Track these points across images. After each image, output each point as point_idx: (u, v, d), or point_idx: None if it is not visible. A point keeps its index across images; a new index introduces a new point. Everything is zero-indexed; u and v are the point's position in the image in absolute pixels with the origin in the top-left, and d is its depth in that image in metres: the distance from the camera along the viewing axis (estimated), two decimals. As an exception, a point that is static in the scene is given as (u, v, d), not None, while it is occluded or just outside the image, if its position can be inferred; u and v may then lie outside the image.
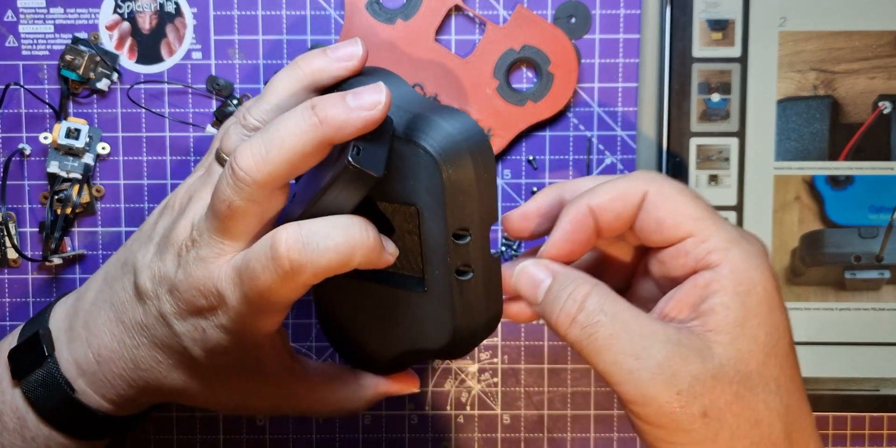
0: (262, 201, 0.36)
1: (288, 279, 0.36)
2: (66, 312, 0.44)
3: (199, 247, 0.38)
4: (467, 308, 0.39)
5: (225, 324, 0.39)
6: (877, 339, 0.52)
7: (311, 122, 0.35)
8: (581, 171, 0.52)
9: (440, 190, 0.37)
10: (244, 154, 0.36)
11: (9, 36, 0.51)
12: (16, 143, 0.51)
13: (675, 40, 0.50)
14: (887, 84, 0.50)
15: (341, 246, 0.36)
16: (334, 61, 0.39)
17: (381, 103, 0.35)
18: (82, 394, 0.43)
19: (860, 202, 0.51)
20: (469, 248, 0.38)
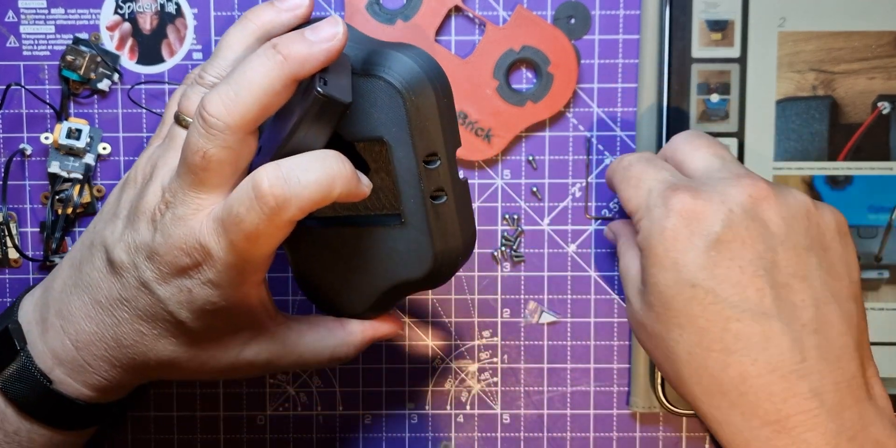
0: (235, 147, 0.37)
1: (274, 217, 0.36)
2: (34, 304, 0.44)
3: (174, 207, 0.38)
4: (444, 232, 0.41)
5: (212, 278, 0.39)
6: (876, 339, 0.52)
7: (275, 60, 0.36)
8: (581, 171, 0.52)
9: (405, 118, 0.39)
10: (213, 101, 0.36)
11: (9, 36, 0.51)
12: (17, 144, 0.52)
13: (674, 41, 0.50)
14: (886, 84, 0.50)
15: (321, 177, 0.36)
16: (284, 11, 0.40)
17: (339, 33, 0.37)
18: (60, 384, 0.42)
19: (859, 202, 0.51)
20: (440, 172, 0.40)
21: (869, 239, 0.51)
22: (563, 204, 0.52)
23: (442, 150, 0.40)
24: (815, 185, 0.51)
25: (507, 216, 0.52)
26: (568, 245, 0.52)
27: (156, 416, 0.53)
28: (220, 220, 0.37)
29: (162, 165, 0.40)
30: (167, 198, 0.39)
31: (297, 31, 0.37)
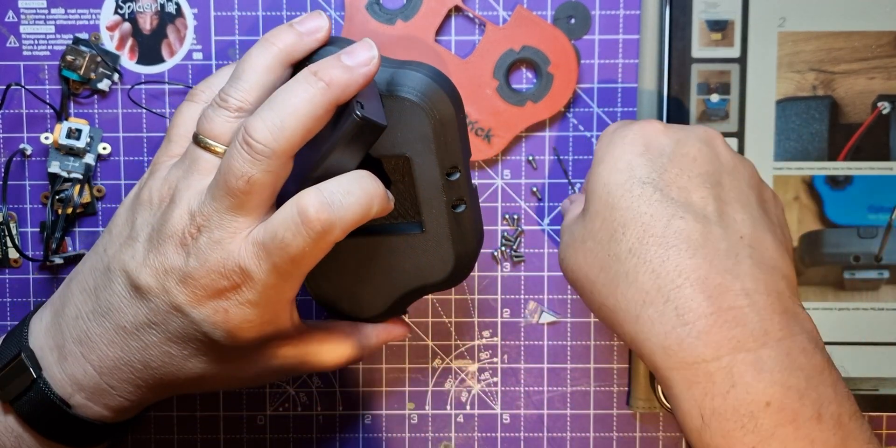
0: (278, 171, 0.38)
1: (320, 240, 0.38)
2: (46, 330, 0.43)
3: (208, 231, 0.39)
4: (463, 236, 0.44)
5: (251, 299, 0.39)
6: (876, 338, 0.52)
7: (318, 87, 0.38)
8: (581, 172, 0.52)
9: (431, 135, 0.41)
10: (258, 127, 0.37)
11: (10, 36, 0.51)
12: (17, 144, 0.52)
13: (674, 41, 0.50)
14: (886, 84, 0.50)
15: (361, 199, 0.39)
16: (305, 35, 0.41)
17: (374, 57, 0.39)
18: (80, 407, 0.42)
19: (859, 202, 0.51)
20: (460, 183, 0.43)
21: (869, 239, 0.51)
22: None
23: (461, 163, 0.42)
24: (815, 185, 0.51)
25: (507, 216, 0.52)
26: (568, 245, 0.52)
27: (156, 416, 0.53)
28: (262, 244, 0.38)
29: (185, 188, 0.40)
30: (199, 222, 0.39)
31: (333, 56, 0.39)
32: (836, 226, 0.51)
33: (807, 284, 0.51)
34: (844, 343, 0.52)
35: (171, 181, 0.41)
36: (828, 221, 0.51)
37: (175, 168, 0.41)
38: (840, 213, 0.51)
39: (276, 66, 0.41)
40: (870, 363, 0.52)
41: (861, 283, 0.51)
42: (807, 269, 0.51)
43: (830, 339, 0.52)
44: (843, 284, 0.51)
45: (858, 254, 0.51)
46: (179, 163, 0.41)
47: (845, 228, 0.51)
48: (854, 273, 0.51)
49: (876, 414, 0.53)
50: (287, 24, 0.42)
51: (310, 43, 0.41)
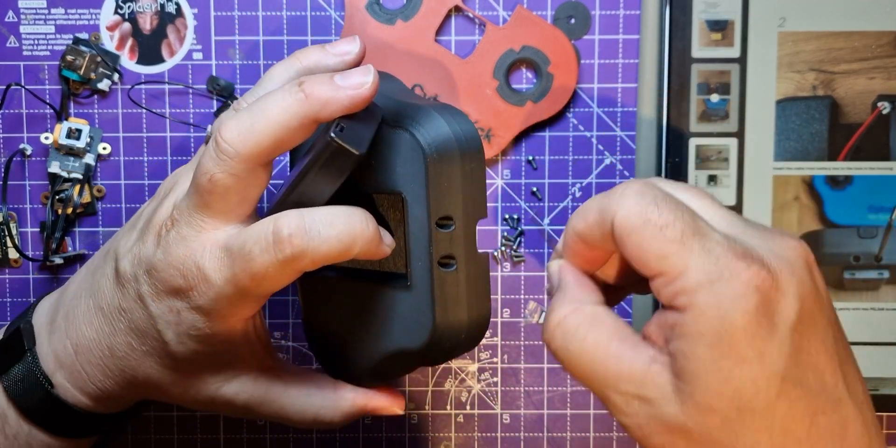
0: (243, 176, 0.37)
1: (286, 264, 0.36)
2: (49, 306, 0.44)
3: (179, 225, 0.38)
4: (448, 303, 0.38)
5: (201, 304, 0.38)
6: (876, 338, 0.52)
7: (296, 97, 0.36)
8: (581, 172, 0.52)
9: (424, 174, 0.37)
10: (228, 126, 0.36)
11: (10, 36, 0.51)
12: (17, 144, 0.52)
13: (674, 41, 0.50)
14: (886, 84, 0.50)
15: (342, 235, 0.36)
16: (332, 55, 0.40)
17: (368, 83, 0.36)
18: (60, 388, 0.42)
19: (859, 202, 0.51)
20: (452, 238, 0.38)
21: (869, 239, 0.51)
22: (563, 204, 0.52)
23: (459, 216, 0.38)
24: (815, 185, 0.51)
25: (507, 216, 0.52)
26: (568, 245, 0.52)
27: (156, 416, 0.53)
28: (229, 251, 0.37)
29: (182, 183, 0.40)
30: (174, 215, 0.39)
31: (324, 75, 0.37)
32: (836, 226, 0.51)
33: (807, 284, 0.51)
34: (844, 343, 0.52)
35: (178, 175, 0.42)
36: (828, 221, 0.51)
37: (188, 164, 0.42)
38: (840, 214, 0.51)
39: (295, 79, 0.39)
40: (870, 363, 0.52)
41: (861, 283, 0.51)
42: (807, 269, 0.51)
43: (830, 339, 0.52)
44: (844, 284, 0.51)
45: (858, 254, 0.51)
46: (192, 160, 0.42)
47: (845, 228, 0.51)
48: (854, 273, 0.51)
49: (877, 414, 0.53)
50: (320, 45, 0.41)
51: (335, 64, 0.40)
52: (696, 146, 0.51)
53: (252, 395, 0.42)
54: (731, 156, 0.51)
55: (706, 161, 0.51)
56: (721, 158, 0.51)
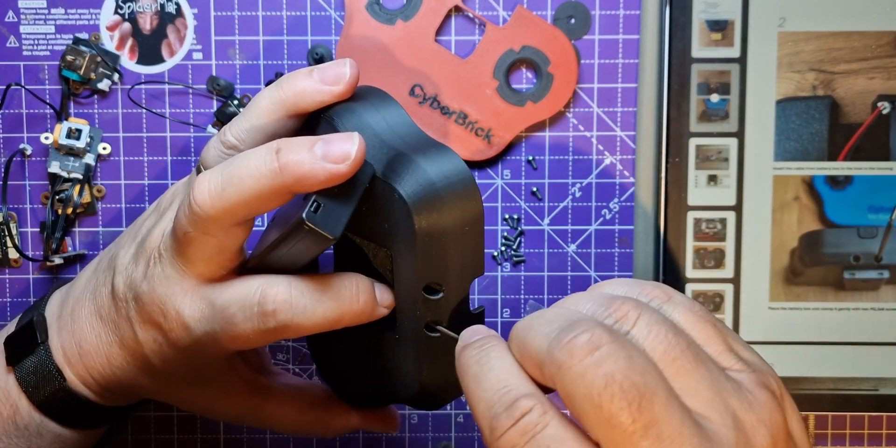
0: (216, 234, 0.36)
1: (268, 334, 0.36)
2: (60, 300, 0.45)
3: (163, 263, 0.38)
4: (436, 365, 0.37)
5: (179, 345, 0.39)
6: (876, 338, 0.52)
7: (270, 167, 0.34)
8: (581, 172, 0.52)
9: (412, 239, 0.34)
10: (201, 187, 0.35)
11: (10, 36, 0.51)
12: (17, 144, 0.52)
13: (674, 41, 0.50)
14: (886, 84, 0.50)
15: (329, 311, 0.36)
16: (319, 83, 0.37)
17: (349, 158, 0.33)
18: (72, 382, 0.43)
19: (859, 202, 0.51)
20: (441, 305, 0.36)
21: (869, 239, 0.51)
22: (563, 204, 0.52)
23: (450, 282, 0.35)
24: (815, 185, 0.51)
25: (507, 216, 0.52)
26: (568, 245, 0.52)
27: (156, 415, 0.53)
28: (212, 306, 0.37)
29: (173, 209, 0.40)
30: (162, 248, 0.38)
31: (310, 139, 0.34)
32: (836, 226, 0.51)
33: (807, 284, 0.51)
34: (844, 343, 0.52)
35: (176, 195, 0.41)
36: (828, 221, 0.51)
37: (183, 184, 0.42)
38: (840, 213, 0.51)
39: (276, 112, 0.37)
40: (870, 363, 0.52)
41: (861, 283, 0.51)
42: (807, 270, 0.51)
43: (830, 339, 0.52)
44: (844, 284, 0.51)
45: (858, 254, 0.51)
46: (186, 181, 0.42)
47: (845, 228, 0.51)
48: (854, 273, 0.51)
49: (876, 414, 0.53)
50: (309, 69, 0.37)
51: (321, 94, 0.37)
52: (696, 146, 0.51)
53: (244, 411, 0.43)
54: (731, 156, 0.51)
55: (706, 161, 0.51)
56: (721, 158, 0.51)
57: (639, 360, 0.27)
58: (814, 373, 0.52)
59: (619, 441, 0.27)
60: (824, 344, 0.52)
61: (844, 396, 0.52)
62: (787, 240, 0.51)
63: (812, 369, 0.52)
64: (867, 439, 0.53)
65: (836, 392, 0.52)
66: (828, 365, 0.52)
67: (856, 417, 0.53)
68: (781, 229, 0.51)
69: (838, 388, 0.52)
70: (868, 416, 0.53)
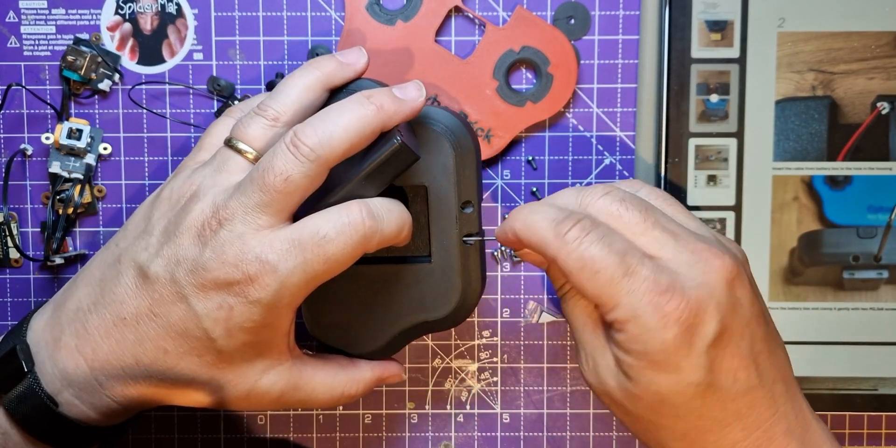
0: (314, 178, 0.40)
1: (358, 246, 0.40)
2: (46, 324, 0.44)
3: (230, 224, 0.40)
4: (470, 273, 0.45)
5: (261, 297, 0.40)
6: (875, 338, 0.52)
7: (370, 109, 0.41)
8: (581, 172, 0.52)
9: (453, 166, 0.44)
10: (308, 132, 0.40)
11: (10, 37, 0.51)
12: (17, 144, 0.52)
13: (673, 41, 0.50)
14: (886, 84, 0.50)
15: (399, 219, 0.42)
16: (345, 65, 0.44)
17: (422, 96, 0.42)
18: (67, 406, 0.42)
19: (858, 202, 0.51)
20: (472, 218, 0.45)
21: (868, 239, 0.51)
22: (563, 204, 0.52)
23: (475, 199, 0.44)
24: (815, 185, 0.51)
25: (508, 216, 0.52)
26: (568, 245, 0.52)
27: (156, 415, 0.53)
28: (296, 240, 0.40)
29: (211, 186, 0.41)
30: (222, 215, 0.40)
31: (385, 88, 0.42)
32: (835, 226, 0.51)
33: (806, 284, 0.52)
34: (844, 343, 0.52)
35: (196, 180, 0.42)
36: (827, 221, 0.51)
37: (201, 168, 0.42)
38: (839, 213, 0.51)
39: (316, 87, 0.43)
40: (869, 363, 0.52)
41: (860, 283, 0.52)
42: (806, 269, 0.51)
43: (830, 339, 0.52)
44: (843, 284, 0.52)
45: (858, 254, 0.51)
46: (206, 164, 0.42)
47: (844, 228, 0.51)
48: (853, 273, 0.51)
49: (876, 414, 0.53)
50: (331, 55, 0.44)
51: (347, 72, 0.44)
52: (695, 146, 0.51)
53: (287, 382, 0.44)
54: (731, 156, 0.51)
55: (706, 161, 0.51)
56: (720, 158, 0.51)
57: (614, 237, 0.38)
58: (813, 372, 0.52)
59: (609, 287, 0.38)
60: (823, 344, 0.52)
61: (844, 396, 0.52)
62: (786, 240, 0.51)
63: (811, 369, 0.52)
64: (866, 439, 0.53)
65: (836, 392, 0.52)
66: (827, 365, 0.52)
67: (855, 417, 0.53)
68: (781, 229, 0.51)
69: (837, 388, 0.52)
70: (867, 415, 0.53)
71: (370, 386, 0.47)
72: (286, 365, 0.44)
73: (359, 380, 0.46)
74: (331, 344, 0.46)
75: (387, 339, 0.46)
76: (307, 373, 0.45)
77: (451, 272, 0.45)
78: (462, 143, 0.44)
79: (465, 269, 0.45)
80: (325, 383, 0.45)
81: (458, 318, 0.46)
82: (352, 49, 0.45)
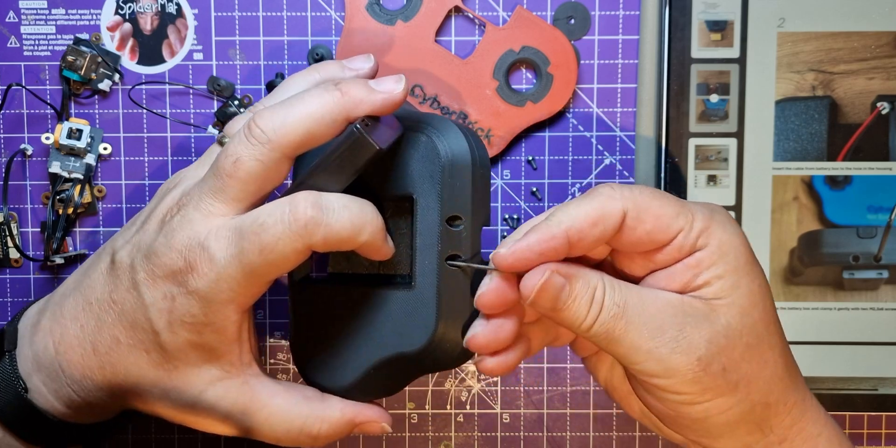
0: (267, 164, 0.38)
1: (298, 237, 0.37)
2: (37, 309, 0.44)
3: (186, 209, 0.39)
4: (453, 303, 0.39)
5: (199, 287, 0.38)
6: (875, 338, 0.52)
7: (333, 94, 0.38)
8: (581, 172, 0.52)
9: (438, 174, 0.39)
10: (263, 115, 0.38)
11: (10, 37, 0.51)
12: (18, 144, 0.52)
13: (673, 41, 0.50)
14: (885, 84, 0.50)
15: (355, 218, 0.37)
16: (348, 70, 0.42)
17: (399, 89, 0.39)
18: (35, 392, 0.42)
19: (858, 202, 0.51)
20: (461, 237, 0.39)
21: (868, 239, 0.51)
22: (563, 204, 0.52)
23: (468, 217, 0.39)
24: (815, 185, 0.51)
25: (507, 216, 0.52)
26: (568, 245, 0.52)
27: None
28: (237, 227, 0.38)
29: (191, 177, 0.41)
30: (182, 201, 0.39)
31: (359, 78, 0.40)
32: (835, 226, 0.51)
33: (806, 284, 0.52)
34: (844, 343, 0.52)
35: (182, 173, 0.42)
36: (827, 221, 0.51)
37: (191, 165, 0.43)
38: (839, 213, 0.51)
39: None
40: (869, 363, 0.52)
41: (860, 282, 0.52)
42: (806, 269, 0.51)
43: (830, 339, 0.52)
44: (843, 284, 0.52)
45: (858, 254, 0.51)
46: (198, 161, 0.43)
47: (844, 228, 0.51)
48: (853, 273, 0.51)
49: (875, 414, 0.53)
50: (337, 61, 0.43)
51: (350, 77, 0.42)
52: (695, 146, 0.51)
53: (236, 401, 0.41)
54: (731, 156, 0.51)
55: (705, 161, 0.51)
56: (720, 158, 0.51)
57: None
58: (813, 372, 0.52)
59: None
60: (824, 344, 0.52)
61: (844, 396, 0.52)
62: (786, 240, 0.51)
63: (811, 369, 0.52)
64: (866, 439, 0.53)
65: (836, 392, 0.52)
66: (827, 365, 0.52)
67: (855, 417, 0.53)
68: (781, 229, 0.51)
69: (837, 388, 0.52)
70: (867, 415, 0.53)
71: (338, 428, 0.42)
72: (237, 380, 0.41)
73: (324, 418, 0.41)
74: (310, 377, 0.43)
75: (359, 373, 0.41)
76: (262, 396, 0.41)
77: (429, 297, 0.39)
78: (454, 151, 0.39)
79: (447, 296, 0.39)
80: (281, 412, 0.41)
81: (434, 356, 0.40)
82: (360, 56, 0.43)
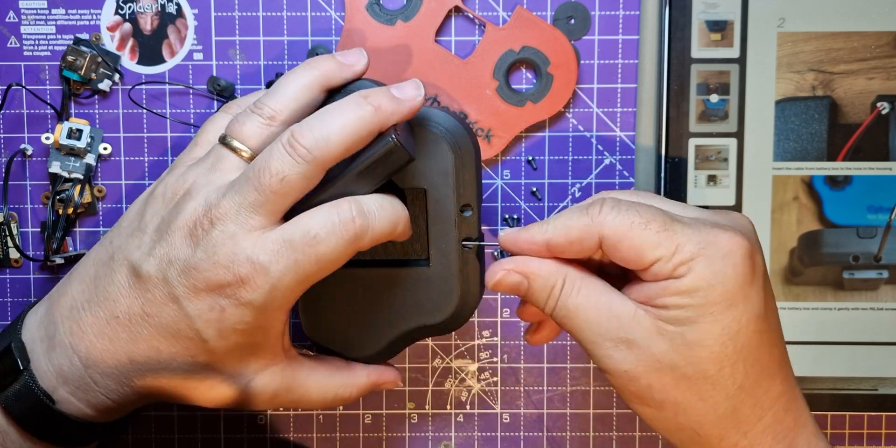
0: (310, 179, 0.40)
1: (350, 244, 0.40)
2: (39, 322, 0.43)
3: (223, 224, 0.39)
4: (468, 277, 0.45)
5: (253, 299, 0.39)
6: (875, 338, 0.52)
7: (367, 109, 0.40)
8: (581, 172, 0.52)
9: (452, 169, 0.43)
10: (304, 133, 0.39)
11: (10, 37, 0.51)
12: (17, 144, 0.52)
13: (673, 41, 0.50)
14: (886, 84, 0.50)
15: (392, 215, 0.41)
16: (345, 65, 0.43)
17: (420, 95, 0.41)
18: (63, 403, 0.42)
19: (858, 202, 0.51)
20: (472, 221, 0.44)
21: (868, 239, 0.51)
22: (563, 204, 0.52)
23: (475, 202, 0.44)
24: (815, 185, 0.51)
25: (507, 216, 0.52)
26: (568, 245, 0.52)
27: (156, 415, 0.53)
28: (287, 240, 0.39)
29: (205, 184, 0.41)
30: (214, 215, 0.39)
31: (382, 87, 0.41)
32: (835, 226, 0.51)
33: (806, 284, 0.52)
34: (844, 343, 0.52)
35: (189, 177, 0.42)
36: (827, 221, 0.51)
37: (195, 166, 0.42)
38: (839, 214, 0.51)
39: (314, 86, 0.42)
40: (869, 363, 0.52)
41: (860, 282, 0.52)
42: (806, 269, 0.51)
43: (830, 339, 0.52)
44: (843, 284, 0.52)
45: (858, 254, 0.51)
46: (200, 162, 0.42)
47: (844, 228, 0.51)
48: (853, 273, 0.51)
49: (875, 414, 0.53)
50: (331, 55, 0.44)
51: (346, 73, 0.43)
52: (695, 146, 0.51)
53: (280, 383, 0.44)
54: (731, 156, 0.51)
55: (705, 161, 0.51)
56: (720, 158, 0.51)
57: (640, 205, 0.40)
58: (813, 372, 0.52)
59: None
60: (823, 344, 0.52)
61: (844, 396, 0.52)
62: (786, 240, 0.51)
63: (811, 369, 0.52)
64: (866, 439, 0.53)
65: (836, 392, 0.52)
66: (827, 365, 0.52)
67: (855, 417, 0.53)
68: (781, 229, 0.51)
69: (837, 388, 0.52)
70: (867, 415, 0.53)
71: (364, 390, 0.46)
72: (280, 366, 0.44)
73: (353, 384, 0.46)
74: (327, 347, 0.46)
75: (384, 344, 0.46)
76: (301, 375, 0.44)
77: (450, 276, 0.44)
78: (462, 146, 0.43)
79: (464, 273, 0.44)
80: (318, 386, 0.45)
81: (456, 322, 0.45)
82: (352, 50, 0.44)
